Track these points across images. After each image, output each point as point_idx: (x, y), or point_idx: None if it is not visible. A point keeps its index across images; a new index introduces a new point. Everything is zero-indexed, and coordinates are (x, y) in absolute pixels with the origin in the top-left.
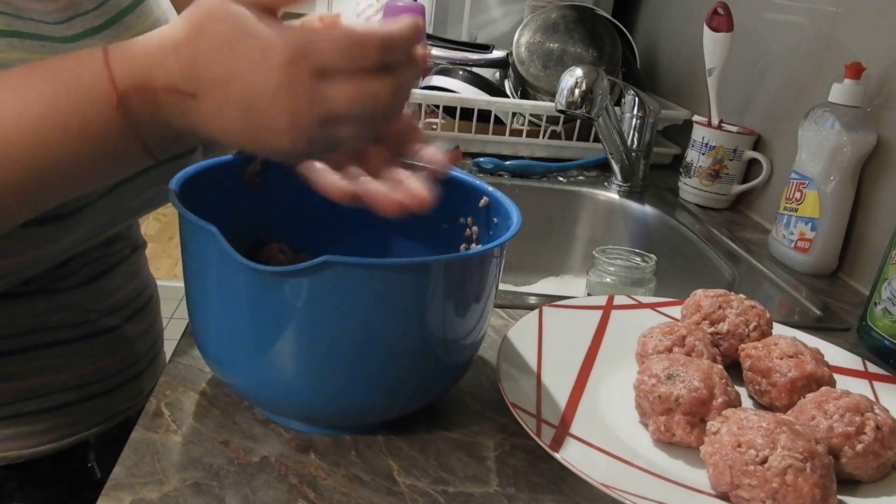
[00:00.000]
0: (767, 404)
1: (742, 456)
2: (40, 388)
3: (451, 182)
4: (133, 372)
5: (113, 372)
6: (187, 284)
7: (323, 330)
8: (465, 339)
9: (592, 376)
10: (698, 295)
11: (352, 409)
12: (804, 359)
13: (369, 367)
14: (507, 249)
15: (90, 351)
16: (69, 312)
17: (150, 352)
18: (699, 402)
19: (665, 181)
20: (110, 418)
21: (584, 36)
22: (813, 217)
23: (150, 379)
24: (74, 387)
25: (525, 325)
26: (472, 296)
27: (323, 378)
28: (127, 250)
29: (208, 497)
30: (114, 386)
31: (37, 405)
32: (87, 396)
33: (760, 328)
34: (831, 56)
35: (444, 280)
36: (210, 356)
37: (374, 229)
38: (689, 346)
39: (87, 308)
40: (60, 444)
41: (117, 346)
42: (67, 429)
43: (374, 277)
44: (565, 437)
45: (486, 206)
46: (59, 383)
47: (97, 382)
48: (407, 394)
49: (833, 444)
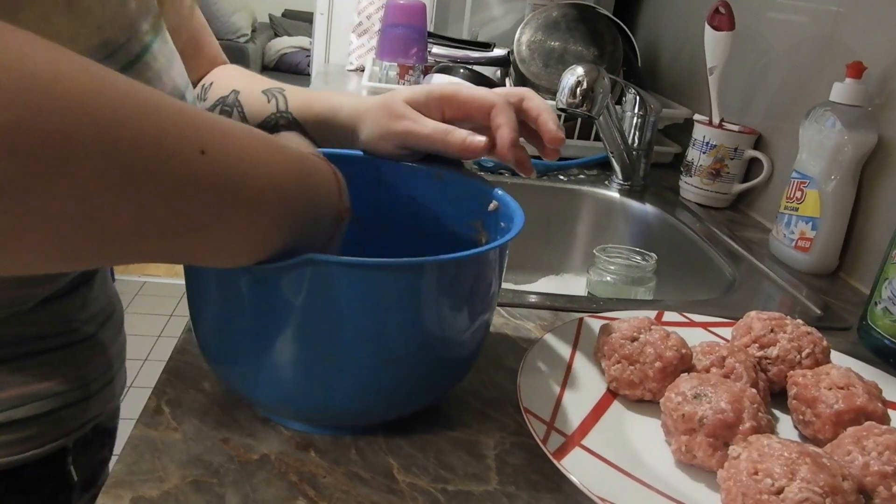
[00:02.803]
0: (811, 436)
1: (757, 484)
2: (30, 395)
3: (466, 185)
4: (108, 377)
5: (92, 377)
6: (187, 281)
7: (310, 330)
8: (462, 342)
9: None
10: (751, 317)
11: (349, 411)
12: (855, 391)
13: (360, 370)
14: (507, 248)
15: (73, 358)
16: (55, 321)
17: (120, 356)
18: (724, 425)
19: (666, 180)
20: (87, 423)
21: (585, 34)
22: (814, 216)
23: (119, 383)
24: (59, 393)
25: (561, 333)
26: (469, 298)
27: (314, 379)
28: None
29: (208, 495)
30: (93, 391)
31: (25, 413)
32: (70, 402)
33: (814, 356)
34: (832, 55)
35: (437, 281)
36: (206, 355)
37: (389, 230)
38: (729, 368)
39: (71, 317)
40: (43, 449)
41: (95, 352)
42: (50, 435)
43: (352, 276)
44: (573, 448)
45: (496, 211)
46: (45, 391)
47: (79, 389)
48: (404, 396)
49: (867, 482)
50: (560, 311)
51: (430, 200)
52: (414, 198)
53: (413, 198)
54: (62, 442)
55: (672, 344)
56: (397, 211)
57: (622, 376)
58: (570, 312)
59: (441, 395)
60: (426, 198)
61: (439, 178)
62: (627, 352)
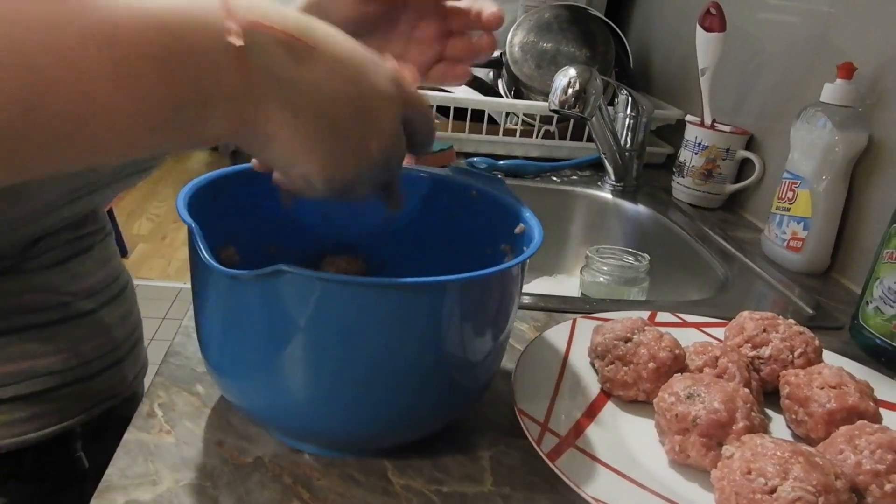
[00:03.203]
0: (803, 435)
1: (750, 483)
2: (18, 373)
3: (496, 205)
4: (113, 358)
5: (92, 357)
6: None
7: (294, 338)
8: (462, 363)
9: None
10: (743, 317)
11: (352, 435)
12: (847, 390)
13: (345, 386)
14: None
15: (67, 335)
16: (42, 294)
17: (130, 339)
18: (717, 425)
19: (658, 181)
20: (94, 406)
21: (577, 36)
22: (805, 216)
23: (131, 367)
24: (54, 372)
25: (555, 333)
26: (478, 318)
27: (338, 403)
28: (98, 235)
29: (202, 498)
30: (95, 372)
31: (15, 391)
32: (68, 382)
33: (806, 356)
34: (824, 56)
35: (436, 303)
36: (207, 364)
37: (421, 249)
38: (722, 368)
39: (61, 290)
40: (44, 432)
41: (95, 331)
42: (50, 417)
43: (315, 290)
44: (567, 448)
45: (521, 234)
46: (37, 368)
47: (77, 368)
48: (408, 421)
49: (859, 481)
50: (553, 312)
51: (460, 216)
52: (446, 212)
53: (445, 212)
54: (65, 425)
55: (665, 345)
56: (428, 225)
57: (616, 377)
58: (563, 313)
59: (451, 420)
60: (456, 213)
61: (473, 197)
62: (621, 353)
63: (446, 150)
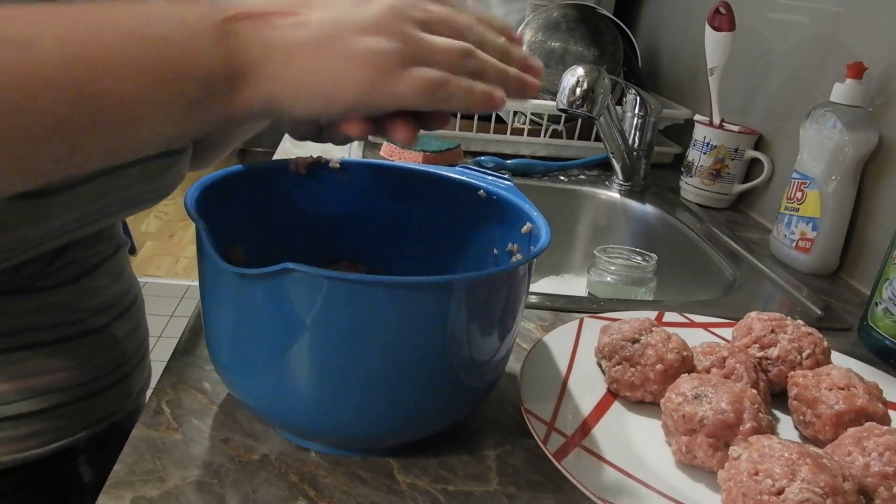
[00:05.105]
0: (811, 437)
1: (758, 485)
2: (27, 390)
3: (503, 204)
4: (121, 373)
5: (101, 373)
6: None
7: (301, 336)
8: (468, 362)
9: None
10: (751, 317)
11: (358, 433)
12: (855, 392)
13: (351, 384)
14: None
15: (78, 352)
16: (55, 312)
17: (138, 353)
18: (724, 426)
19: (666, 180)
20: (99, 421)
21: (585, 35)
22: (814, 217)
23: (137, 381)
24: (63, 388)
25: (561, 333)
26: (485, 317)
27: (346, 402)
28: (110, 249)
29: (209, 495)
30: (103, 388)
31: (21, 408)
32: (76, 398)
33: (815, 357)
34: (833, 56)
35: (438, 302)
36: (214, 362)
37: (428, 248)
38: (729, 369)
39: (74, 307)
40: (49, 447)
41: (105, 346)
42: (56, 433)
43: (322, 289)
44: (574, 448)
45: (529, 233)
46: (47, 385)
47: (86, 384)
48: (414, 420)
49: (867, 483)
50: (560, 312)
51: (468, 216)
52: (453, 211)
53: (452, 211)
54: (69, 441)
55: (673, 346)
56: (435, 225)
57: (623, 378)
58: (570, 313)
59: (454, 420)
60: (464, 213)
61: (483, 197)
62: (628, 353)
63: (454, 149)
